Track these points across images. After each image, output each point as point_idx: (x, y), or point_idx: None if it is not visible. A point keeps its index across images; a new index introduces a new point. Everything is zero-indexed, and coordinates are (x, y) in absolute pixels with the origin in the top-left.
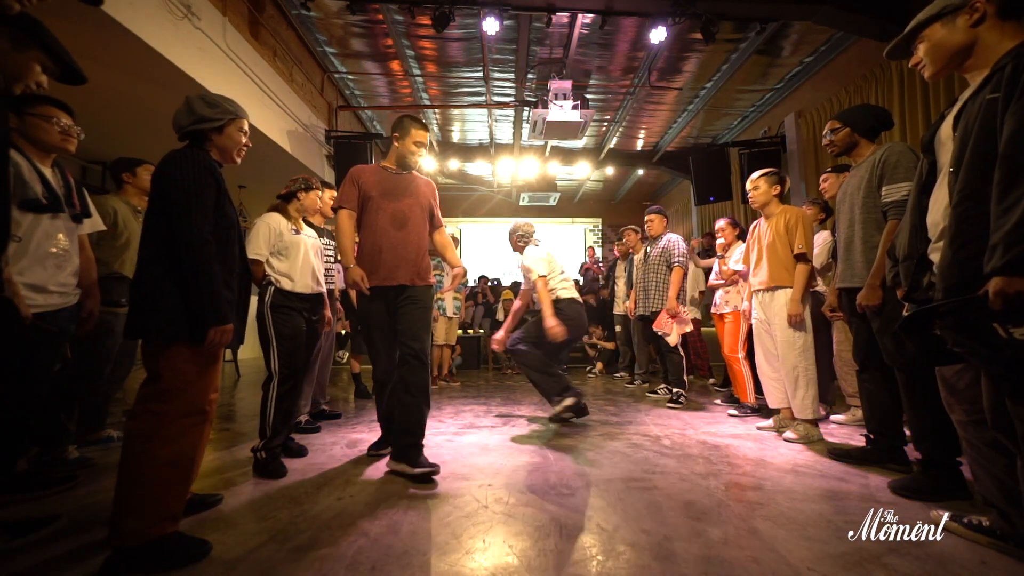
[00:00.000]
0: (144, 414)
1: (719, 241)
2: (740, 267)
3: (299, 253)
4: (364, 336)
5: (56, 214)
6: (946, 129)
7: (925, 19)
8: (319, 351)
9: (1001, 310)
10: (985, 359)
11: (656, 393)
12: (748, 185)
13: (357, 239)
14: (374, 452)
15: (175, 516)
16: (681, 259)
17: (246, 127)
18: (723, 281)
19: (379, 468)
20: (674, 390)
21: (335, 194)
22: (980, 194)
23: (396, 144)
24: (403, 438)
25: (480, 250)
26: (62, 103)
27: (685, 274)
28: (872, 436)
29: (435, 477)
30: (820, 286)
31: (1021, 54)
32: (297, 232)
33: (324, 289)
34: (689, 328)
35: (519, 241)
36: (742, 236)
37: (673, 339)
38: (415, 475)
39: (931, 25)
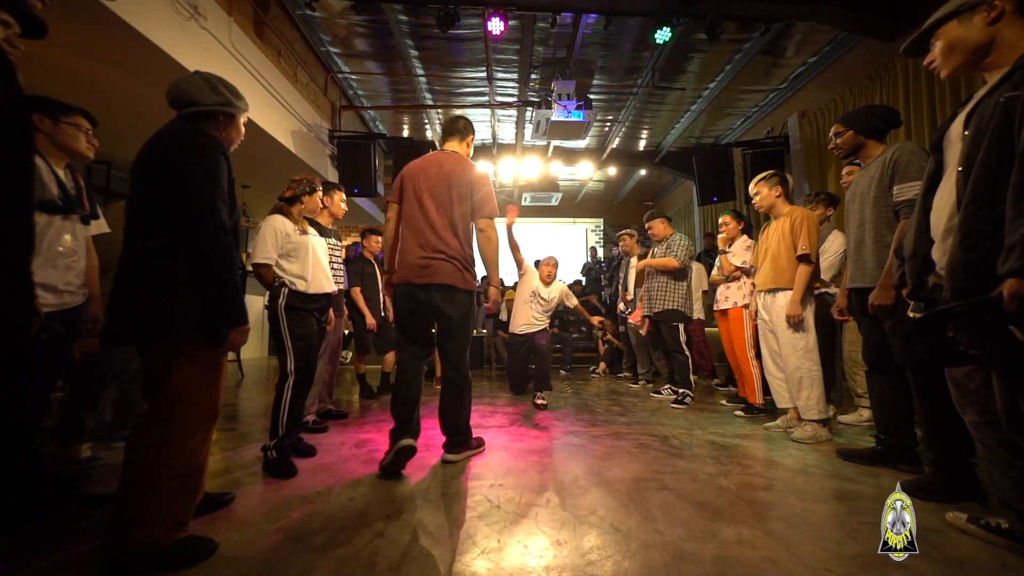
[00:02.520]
0: (157, 423)
1: (720, 235)
2: (742, 264)
3: (308, 253)
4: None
5: (68, 215)
6: (956, 128)
7: (942, 16)
8: (326, 350)
9: (1016, 312)
10: (1000, 361)
11: (660, 393)
12: (751, 191)
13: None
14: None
15: (184, 523)
16: (680, 253)
17: (246, 120)
18: (724, 276)
19: None
20: (680, 390)
21: (343, 195)
22: (993, 195)
23: (468, 146)
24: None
25: None
26: (89, 113)
27: (680, 271)
28: (882, 437)
29: (449, 477)
30: (832, 288)
31: None
32: (303, 233)
33: (334, 288)
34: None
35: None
36: (747, 230)
37: (643, 329)
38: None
39: (948, 23)
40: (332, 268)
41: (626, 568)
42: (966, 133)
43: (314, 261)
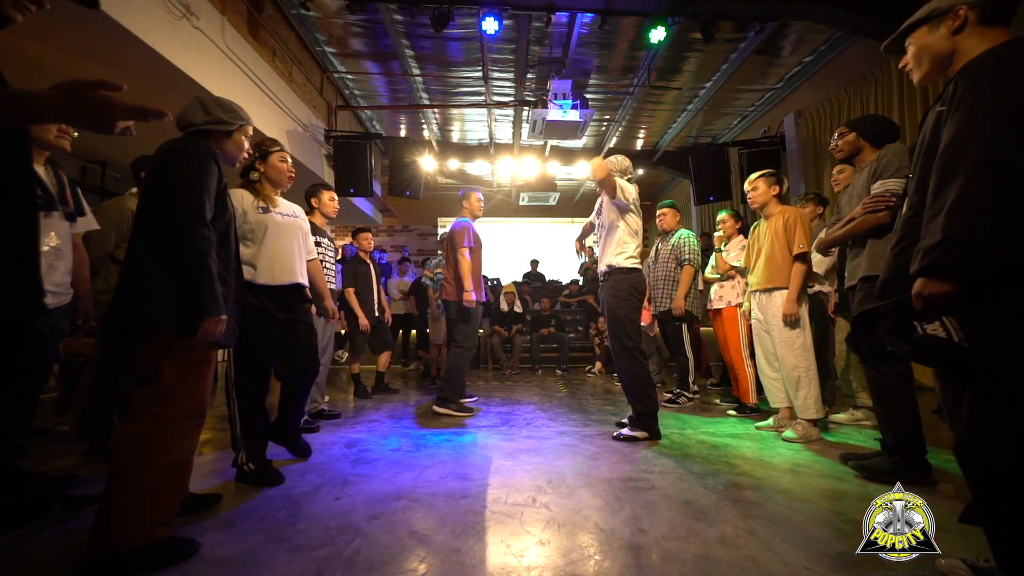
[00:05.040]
0: (144, 417)
1: (717, 233)
2: (737, 263)
3: (265, 235)
4: (473, 324)
5: (49, 213)
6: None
7: (914, 22)
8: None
9: (922, 310)
10: (910, 356)
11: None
12: (747, 186)
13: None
14: (466, 413)
15: (166, 523)
16: (692, 257)
17: (250, 133)
18: (718, 276)
19: (377, 467)
20: (675, 390)
21: (334, 195)
22: (925, 201)
23: (465, 205)
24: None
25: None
26: None
27: (697, 272)
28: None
29: (436, 476)
30: (825, 287)
31: (963, 72)
32: (266, 211)
33: (299, 279)
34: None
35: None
36: (743, 229)
37: (653, 331)
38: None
39: (918, 29)
40: (324, 268)
41: (607, 568)
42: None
43: (271, 244)
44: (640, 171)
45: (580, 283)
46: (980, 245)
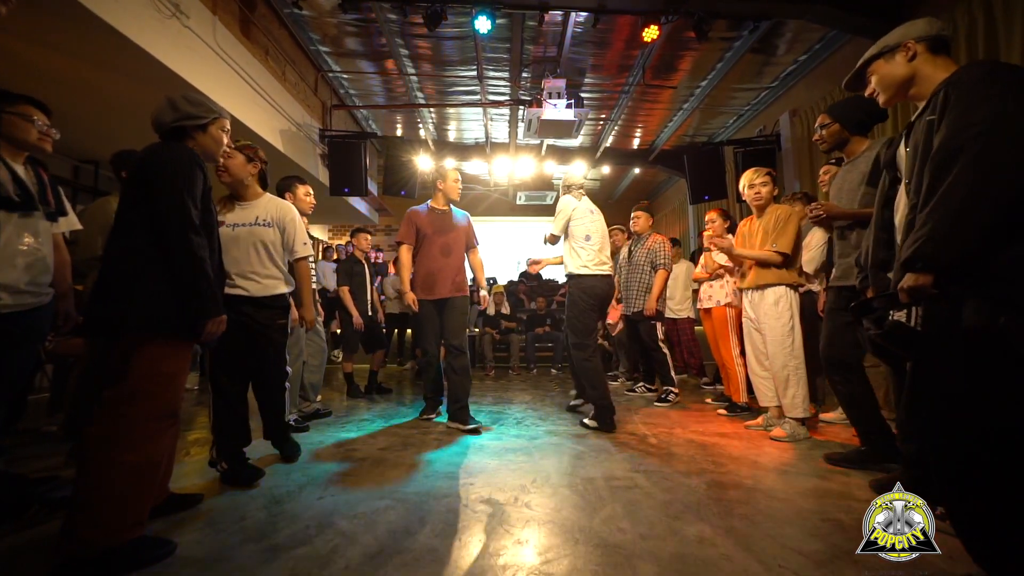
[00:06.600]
0: (111, 417)
1: (707, 232)
2: (726, 262)
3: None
4: (419, 329)
5: (28, 212)
6: (903, 147)
7: (870, 57)
8: (300, 356)
9: (907, 302)
10: (878, 338)
11: (634, 391)
12: (744, 182)
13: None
14: (425, 418)
15: (140, 523)
16: (665, 261)
17: (228, 127)
18: (707, 275)
19: (364, 467)
20: (653, 387)
21: (310, 189)
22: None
23: (440, 187)
24: (454, 405)
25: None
26: (40, 102)
27: (669, 276)
28: (865, 437)
29: (421, 476)
30: (815, 286)
31: (951, 82)
32: (219, 223)
33: (256, 291)
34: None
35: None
36: (732, 228)
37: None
38: (466, 430)
39: (876, 61)
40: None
41: (581, 567)
42: (908, 150)
43: (225, 254)
44: (637, 170)
45: None
46: (955, 241)
